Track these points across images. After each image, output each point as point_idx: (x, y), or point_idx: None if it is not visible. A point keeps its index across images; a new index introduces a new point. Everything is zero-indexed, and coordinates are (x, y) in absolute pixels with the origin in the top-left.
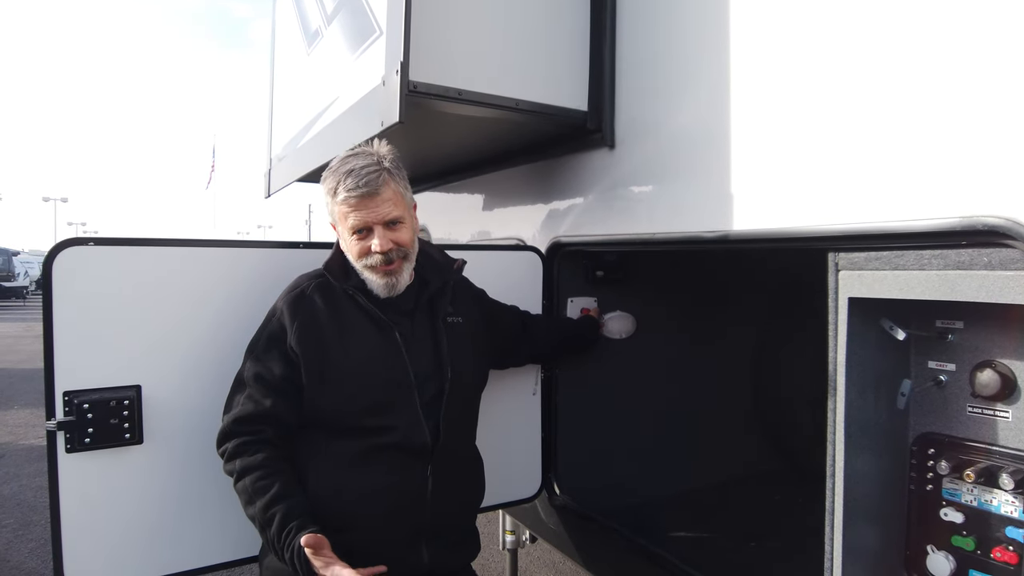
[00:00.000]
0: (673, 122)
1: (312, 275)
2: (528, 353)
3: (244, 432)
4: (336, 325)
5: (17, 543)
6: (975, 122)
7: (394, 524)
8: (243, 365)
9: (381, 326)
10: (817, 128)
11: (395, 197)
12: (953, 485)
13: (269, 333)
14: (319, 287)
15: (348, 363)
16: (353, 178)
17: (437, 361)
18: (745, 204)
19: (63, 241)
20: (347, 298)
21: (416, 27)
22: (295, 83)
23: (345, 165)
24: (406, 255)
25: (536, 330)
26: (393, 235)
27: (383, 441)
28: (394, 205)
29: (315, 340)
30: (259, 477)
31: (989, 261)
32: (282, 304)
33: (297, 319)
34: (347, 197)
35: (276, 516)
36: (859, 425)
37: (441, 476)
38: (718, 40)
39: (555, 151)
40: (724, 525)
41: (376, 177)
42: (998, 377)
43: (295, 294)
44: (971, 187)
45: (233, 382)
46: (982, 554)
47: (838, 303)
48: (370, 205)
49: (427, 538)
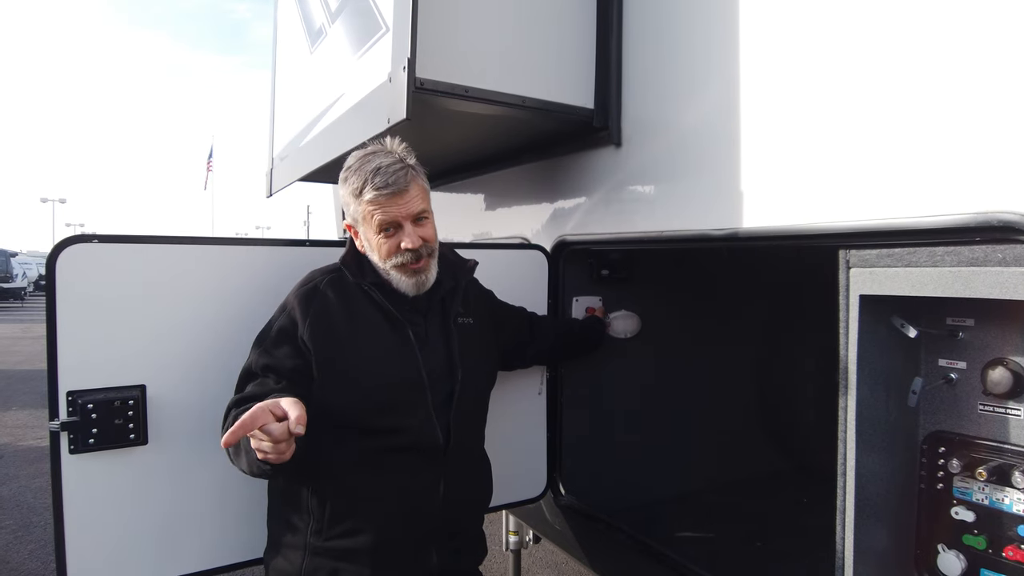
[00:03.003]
0: (681, 119)
1: (326, 270)
2: (534, 355)
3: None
4: (349, 321)
5: (17, 544)
6: (987, 117)
7: (405, 526)
8: (251, 357)
9: (395, 324)
10: (828, 124)
11: (421, 193)
12: (964, 484)
13: (280, 326)
14: (332, 282)
15: (360, 360)
16: (382, 176)
17: (449, 362)
18: (755, 201)
19: (67, 239)
20: (361, 294)
21: (423, 24)
22: (297, 82)
23: (369, 164)
24: (432, 251)
25: (542, 332)
26: (421, 231)
27: (396, 442)
28: (421, 200)
29: (328, 335)
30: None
31: (1003, 257)
32: (294, 298)
33: (310, 313)
34: (376, 196)
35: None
36: (870, 423)
37: (453, 478)
38: (726, 37)
39: (561, 149)
40: (730, 525)
41: (404, 174)
42: (1010, 375)
43: (308, 288)
44: (984, 182)
45: (241, 373)
46: (994, 553)
47: (849, 301)
48: (399, 202)
49: (437, 541)
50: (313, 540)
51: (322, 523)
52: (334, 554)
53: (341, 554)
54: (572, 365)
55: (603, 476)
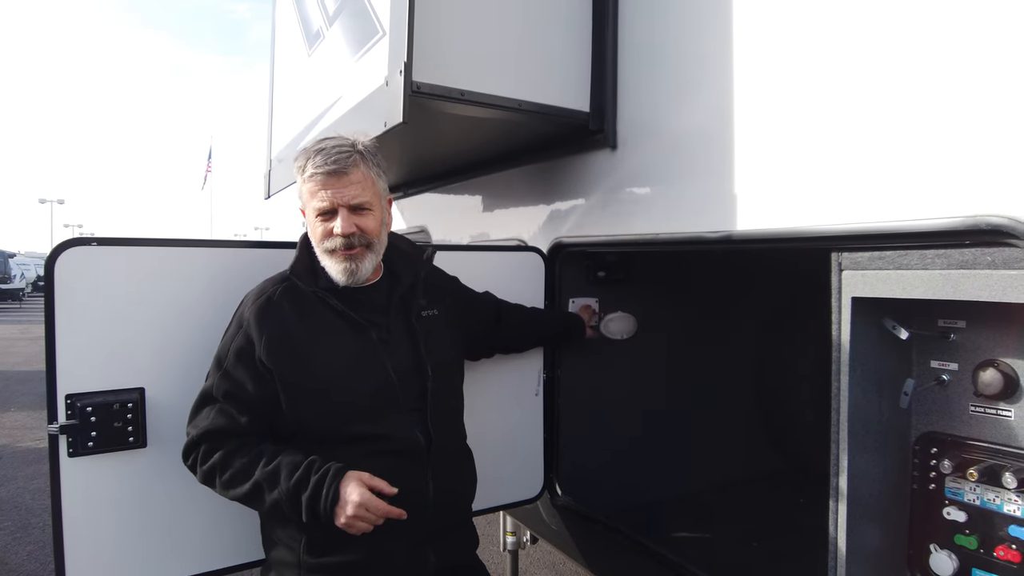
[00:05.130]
0: (676, 122)
1: (278, 279)
2: (499, 347)
3: (217, 444)
4: (308, 332)
5: (15, 545)
6: (978, 122)
7: (399, 531)
8: (210, 379)
9: (356, 328)
10: (820, 128)
11: (364, 181)
12: (956, 484)
13: (237, 347)
14: (286, 291)
15: (325, 372)
16: (323, 156)
17: (416, 359)
18: (748, 204)
19: (65, 241)
20: (317, 301)
21: (419, 28)
22: (295, 85)
23: (318, 144)
24: (369, 244)
25: (510, 323)
26: (358, 220)
27: (377, 448)
28: (362, 189)
29: (287, 352)
30: (248, 451)
31: (992, 260)
32: (248, 314)
33: (266, 331)
34: (314, 174)
35: (285, 466)
36: (862, 424)
37: (440, 476)
38: (721, 40)
39: (557, 152)
40: (727, 525)
41: (346, 157)
42: (1000, 376)
43: (261, 302)
44: (974, 187)
45: (199, 395)
46: (985, 553)
47: (841, 303)
48: (337, 185)
49: (432, 539)
50: (307, 558)
51: (315, 539)
52: (330, 570)
53: (337, 569)
54: (569, 366)
55: (600, 476)
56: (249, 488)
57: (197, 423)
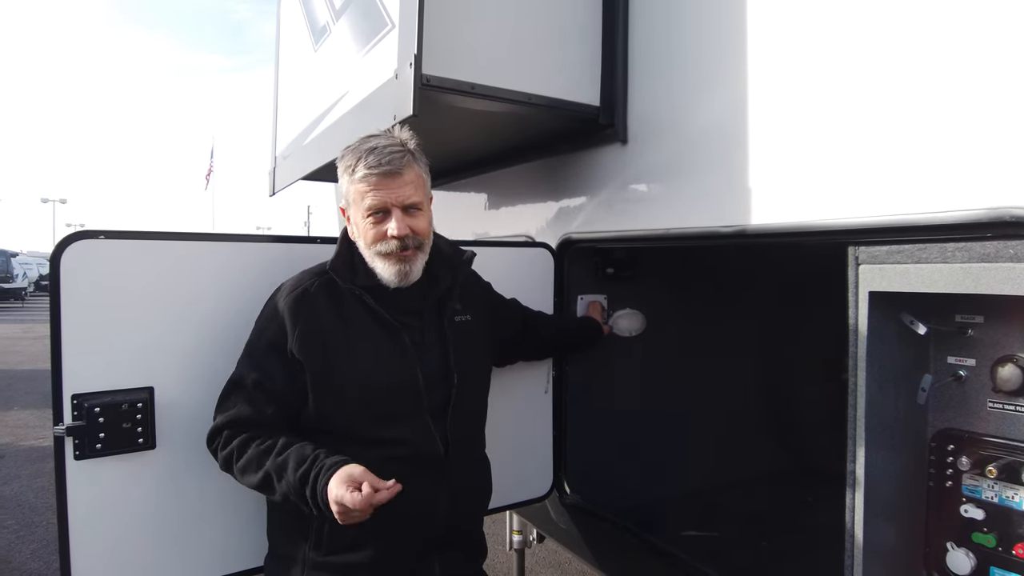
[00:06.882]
0: (688, 117)
1: (315, 272)
2: (524, 353)
3: (240, 432)
4: (342, 328)
5: (19, 544)
6: (999, 112)
7: (407, 537)
8: (240, 367)
9: (389, 330)
10: (837, 120)
11: (417, 181)
12: (973, 481)
13: (269, 337)
14: (323, 286)
15: (354, 370)
16: (376, 155)
17: (444, 365)
18: (763, 198)
19: (72, 234)
20: (353, 298)
21: (429, 20)
22: (301, 80)
23: (367, 143)
24: (421, 245)
25: (535, 329)
26: (411, 221)
27: (394, 453)
28: (415, 189)
29: (319, 345)
30: (263, 441)
31: (1015, 253)
32: (283, 305)
33: (300, 323)
34: (367, 175)
35: (293, 459)
36: (879, 420)
37: (456, 485)
38: (734, 33)
39: (567, 147)
40: (735, 524)
41: (400, 157)
42: (1019, 372)
43: (297, 293)
44: (995, 178)
45: (228, 382)
46: (1004, 551)
47: (858, 297)
48: (391, 186)
49: (439, 549)
50: (312, 555)
51: (322, 537)
52: (333, 568)
53: (341, 569)
54: (578, 364)
55: (608, 475)
56: (261, 477)
57: (223, 410)
